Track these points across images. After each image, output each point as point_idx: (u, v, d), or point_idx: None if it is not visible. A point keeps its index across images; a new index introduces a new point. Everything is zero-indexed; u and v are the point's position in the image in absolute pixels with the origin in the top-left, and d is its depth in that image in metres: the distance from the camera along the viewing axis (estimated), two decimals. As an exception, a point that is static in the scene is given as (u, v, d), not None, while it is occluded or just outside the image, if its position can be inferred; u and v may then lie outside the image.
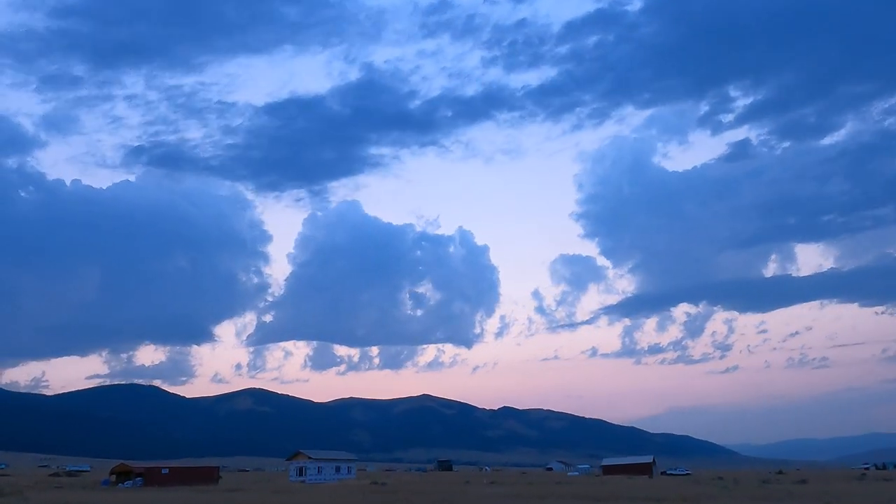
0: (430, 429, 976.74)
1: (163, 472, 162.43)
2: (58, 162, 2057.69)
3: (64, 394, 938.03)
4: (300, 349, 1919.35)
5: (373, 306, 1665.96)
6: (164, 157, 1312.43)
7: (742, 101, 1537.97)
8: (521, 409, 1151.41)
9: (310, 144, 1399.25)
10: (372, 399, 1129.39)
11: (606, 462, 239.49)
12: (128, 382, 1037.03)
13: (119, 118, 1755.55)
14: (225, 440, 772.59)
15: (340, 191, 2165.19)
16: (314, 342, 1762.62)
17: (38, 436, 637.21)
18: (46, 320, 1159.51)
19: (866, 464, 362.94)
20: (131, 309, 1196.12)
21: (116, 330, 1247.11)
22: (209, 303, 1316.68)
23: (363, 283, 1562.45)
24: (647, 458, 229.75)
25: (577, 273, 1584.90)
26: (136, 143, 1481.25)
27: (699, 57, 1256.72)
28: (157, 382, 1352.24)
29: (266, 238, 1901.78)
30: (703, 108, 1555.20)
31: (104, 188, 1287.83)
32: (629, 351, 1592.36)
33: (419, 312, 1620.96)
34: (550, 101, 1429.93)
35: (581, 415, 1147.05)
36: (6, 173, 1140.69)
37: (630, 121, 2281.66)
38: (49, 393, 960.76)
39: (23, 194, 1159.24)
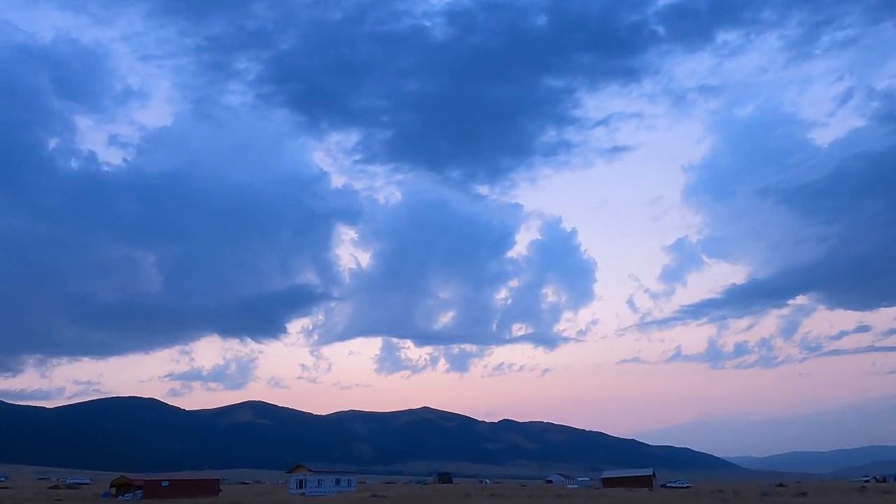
0: (430, 441, 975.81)
1: (163, 484, 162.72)
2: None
3: (64, 406, 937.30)
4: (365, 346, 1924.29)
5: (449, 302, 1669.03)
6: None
7: None
8: (521, 421, 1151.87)
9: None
10: (372, 411, 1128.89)
11: (606, 474, 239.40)
12: (128, 395, 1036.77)
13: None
14: (225, 453, 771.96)
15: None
16: (380, 338, 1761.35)
17: (38, 448, 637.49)
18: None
19: (866, 476, 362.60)
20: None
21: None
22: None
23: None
24: (647, 471, 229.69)
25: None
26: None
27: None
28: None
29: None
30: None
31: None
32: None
33: (498, 309, 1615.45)
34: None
35: (581, 427, 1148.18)
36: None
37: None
38: (49, 405, 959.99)
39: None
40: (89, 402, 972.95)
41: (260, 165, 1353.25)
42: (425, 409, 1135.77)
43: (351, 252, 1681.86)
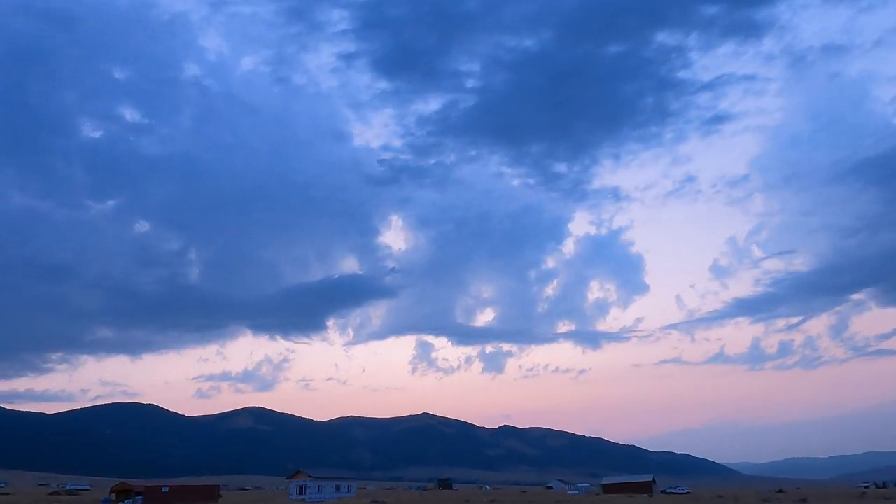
0: (430, 447, 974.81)
1: (163, 490, 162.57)
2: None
3: (64, 412, 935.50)
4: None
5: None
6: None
7: None
8: (521, 427, 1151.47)
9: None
10: (372, 417, 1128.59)
11: (606, 481, 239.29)
12: (128, 401, 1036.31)
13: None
14: (225, 459, 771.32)
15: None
16: (415, 336, 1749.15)
17: (38, 454, 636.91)
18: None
19: (866, 482, 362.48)
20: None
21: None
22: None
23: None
24: (647, 477, 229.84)
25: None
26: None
27: None
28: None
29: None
30: None
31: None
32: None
33: (542, 305, 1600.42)
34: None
35: (581, 433, 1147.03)
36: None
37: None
38: (49, 412, 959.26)
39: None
40: (89, 408, 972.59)
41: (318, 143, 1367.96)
42: (425, 414, 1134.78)
43: (396, 242, 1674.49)
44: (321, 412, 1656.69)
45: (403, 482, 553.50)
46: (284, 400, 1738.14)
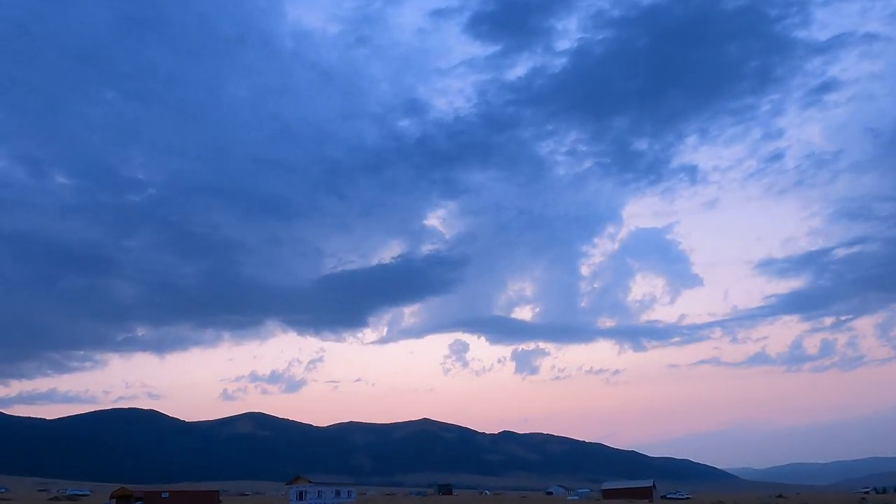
0: (430, 453, 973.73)
1: (163, 496, 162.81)
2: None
3: (64, 418, 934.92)
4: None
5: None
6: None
7: None
8: (520, 433, 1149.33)
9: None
10: (372, 423, 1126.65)
11: (607, 486, 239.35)
12: (128, 407, 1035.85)
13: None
14: (225, 464, 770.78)
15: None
16: (454, 333, 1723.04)
17: (39, 460, 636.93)
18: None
19: (867, 488, 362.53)
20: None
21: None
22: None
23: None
24: (648, 483, 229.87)
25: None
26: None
27: None
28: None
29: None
30: None
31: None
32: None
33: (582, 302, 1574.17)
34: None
35: (581, 439, 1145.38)
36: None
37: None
38: (49, 417, 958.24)
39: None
40: (89, 413, 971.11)
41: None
42: (425, 420, 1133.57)
43: (449, 228, 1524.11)
44: (321, 417, 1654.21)
45: (404, 487, 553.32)
46: (286, 404, 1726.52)
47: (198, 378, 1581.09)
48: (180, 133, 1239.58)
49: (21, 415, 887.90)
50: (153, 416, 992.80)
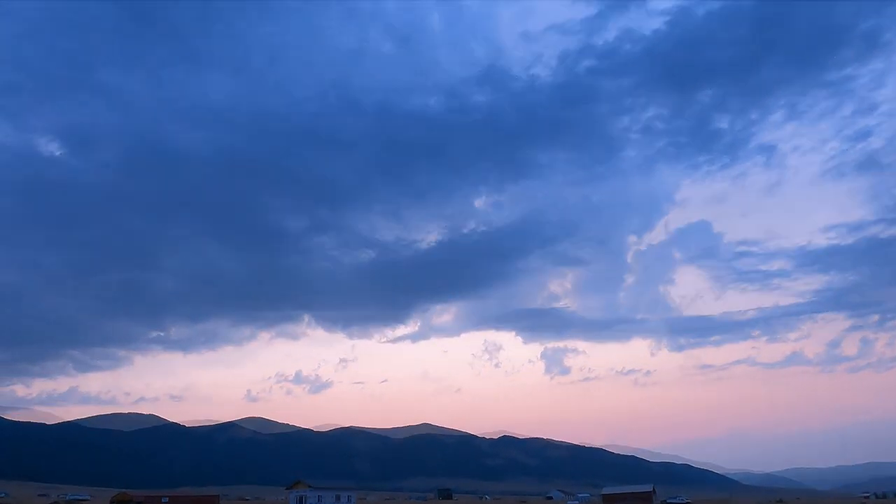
0: (430, 457, 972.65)
1: (163, 501, 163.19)
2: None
3: (64, 423, 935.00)
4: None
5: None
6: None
7: None
8: (521, 437, 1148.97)
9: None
10: (372, 428, 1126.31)
11: (607, 491, 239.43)
12: (127, 412, 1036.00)
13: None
14: (224, 469, 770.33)
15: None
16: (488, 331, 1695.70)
17: (38, 465, 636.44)
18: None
19: (867, 492, 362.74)
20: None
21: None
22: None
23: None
24: (647, 487, 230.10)
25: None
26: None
27: None
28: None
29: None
30: None
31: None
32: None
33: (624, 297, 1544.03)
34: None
35: (581, 443, 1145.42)
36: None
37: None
38: (50, 422, 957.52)
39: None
40: (90, 417, 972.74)
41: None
42: (425, 424, 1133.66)
43: (498, 216, 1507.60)
44: (321, 422, 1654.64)
45: (404, 492, 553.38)
46: (286, 408, 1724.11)
47: (221, 379, 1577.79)
48: (230, 100, 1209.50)
49: (25, 419, 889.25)
50: (153, 420, 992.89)
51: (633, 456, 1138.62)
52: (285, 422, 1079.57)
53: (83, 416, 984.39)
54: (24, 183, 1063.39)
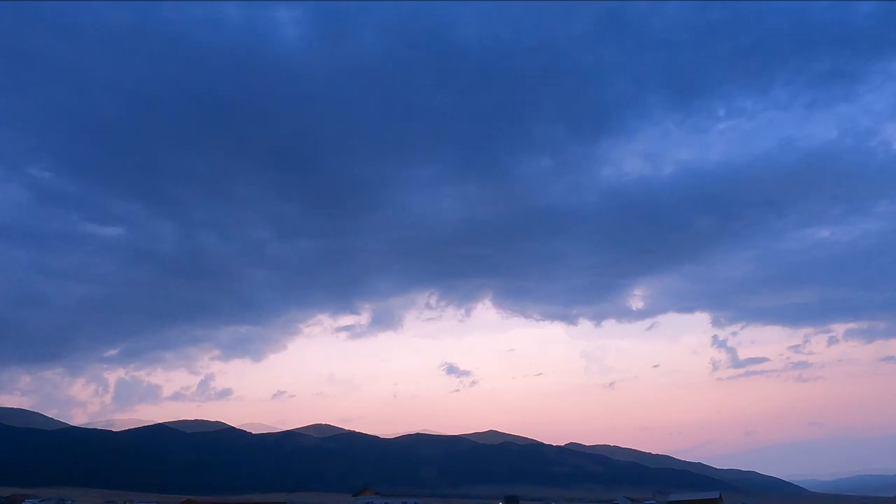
0: (497, 464, 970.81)
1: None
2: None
3: (130, 430, 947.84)
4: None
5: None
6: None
7: None
8: (587, 444, 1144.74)
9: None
10: (439, 434, 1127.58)
11: (673, 498, 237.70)
12: (194, 419, 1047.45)
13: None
14: (291, 476, 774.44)
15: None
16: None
17: (105, 472, 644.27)
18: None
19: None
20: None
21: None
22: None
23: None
24: (714, 494, 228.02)
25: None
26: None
27: None
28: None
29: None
30: None
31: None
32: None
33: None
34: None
35: (647, 451, 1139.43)
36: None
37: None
38: (115, 429, 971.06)
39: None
40: (155, 425, 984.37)
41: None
42: (492, 432, 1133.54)
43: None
44: (388, 429, 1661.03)
45: (471, 499, 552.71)
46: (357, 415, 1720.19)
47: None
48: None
49: (86, 427, 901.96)
50: (219, 426, 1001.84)
51: (699, 462, 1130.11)
52: (351, 429, 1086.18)
53: (148, 424, 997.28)
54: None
